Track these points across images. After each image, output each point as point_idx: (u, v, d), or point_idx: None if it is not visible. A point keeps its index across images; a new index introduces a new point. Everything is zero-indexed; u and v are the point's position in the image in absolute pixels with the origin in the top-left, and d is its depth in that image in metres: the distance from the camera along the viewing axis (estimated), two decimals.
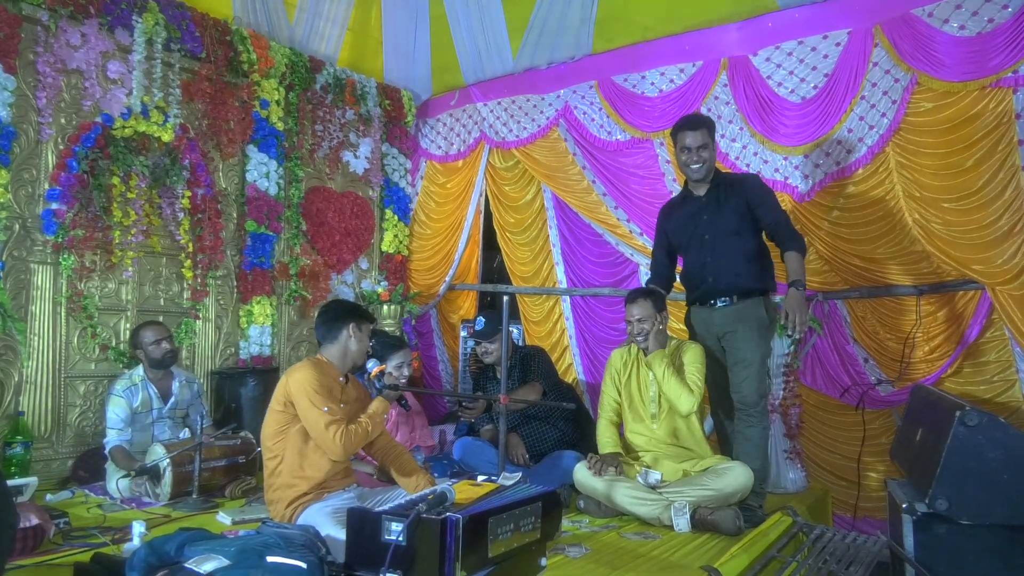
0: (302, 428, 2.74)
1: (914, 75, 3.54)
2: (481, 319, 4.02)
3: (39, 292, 3.75)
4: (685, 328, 3.66)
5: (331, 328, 2.91)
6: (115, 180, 3.97)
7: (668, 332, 3.53)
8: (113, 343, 4.05)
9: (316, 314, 3.17)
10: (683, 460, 3.34)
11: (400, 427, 3.88)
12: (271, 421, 2.79)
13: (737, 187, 3.43)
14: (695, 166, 3.38)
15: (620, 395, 3.53)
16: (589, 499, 3.29)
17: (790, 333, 3.12)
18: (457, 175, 5.51)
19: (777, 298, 3.50)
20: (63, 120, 3.81)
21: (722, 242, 3.36)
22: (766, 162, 4.01)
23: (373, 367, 3.01)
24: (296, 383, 2.73)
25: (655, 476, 3.28)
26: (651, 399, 3.42)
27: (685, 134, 3.37)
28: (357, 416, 2.82)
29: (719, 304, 3.38)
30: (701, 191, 3.47)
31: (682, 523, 3.00)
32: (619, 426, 3.56)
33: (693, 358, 3.37)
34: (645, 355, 3.44)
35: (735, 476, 3.11)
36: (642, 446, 3.45)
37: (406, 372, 3.70)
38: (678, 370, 3.35)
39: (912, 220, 3.61)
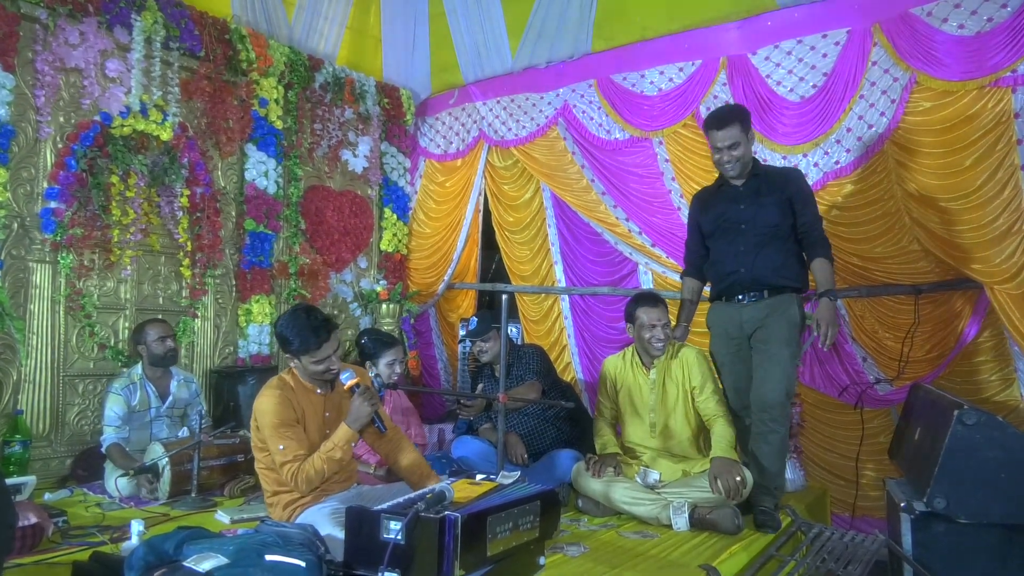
0: None
1: (913, 74, 3.54)
2: (474, 318, 4.03)
3: (38, 291, 3.75)
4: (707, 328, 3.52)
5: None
6: (114, 179, 3.96)
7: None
8: (112, 342, 4.04)
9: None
10: (681, 460, 3.35)
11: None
12: (253, 437, 2.75)
13: (780, 181, 3.27)
14: (728, 165, 3.24)
15: (616, 404, 3.53)
16: (588, 499, 3.29)
17: (820, 345, 3.02)
18: (456, 174, 5.51)
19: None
20: (62, 119, 3.81)
21: (759, 234, 3.22)
22: (765, 161, 4.00)
23: (347, 380, 2.71)
24: (259, 414, 2.66)
25: (653, 476, 3.28)
26: (649, 408, 3.41)
27: (714, 133, 3.21)
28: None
29: (748, 300, 3.25)
30: (739, 181, 3.31)
31: (681, 522, 3.00)
32: (616, 427, 3.57)
33: (703, 374, 3.31)
34: (645, 366, 3.43)
35: None
36: (640, 450, 3.46)
37: (398, 369, 3.70)
38: (681, 381, 3.35)
39: (910, 219, 3.61)
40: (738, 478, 3.04)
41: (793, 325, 3.19)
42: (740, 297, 3.28)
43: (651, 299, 3.41)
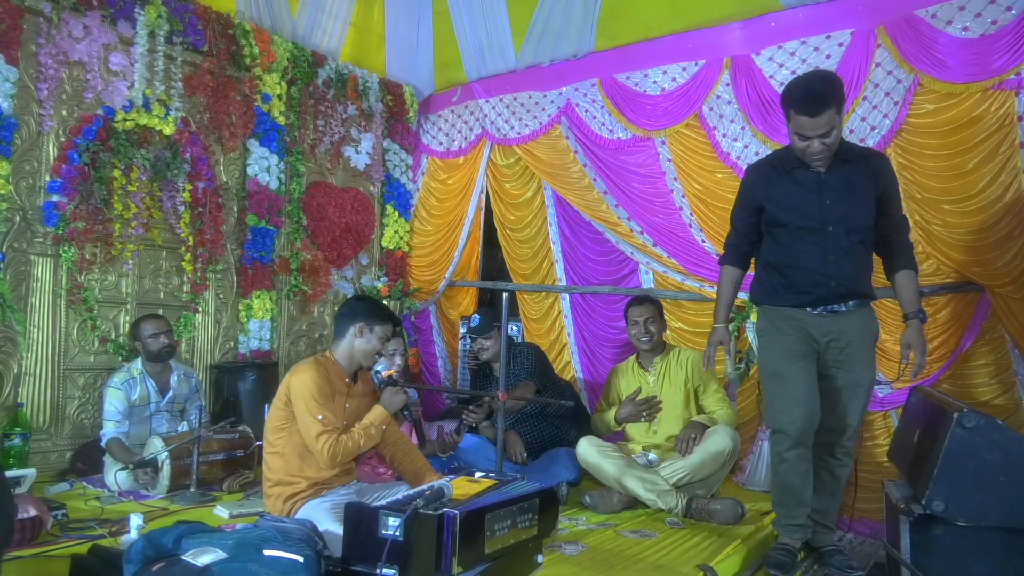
0: None
1: (916, 76, 3.53)
2: (476, 315, 4.02)
3: (39, 284, 3.75)
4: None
5: (341, 324, 2.86)
6: (116, 173, 3.97)
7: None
8: (112, 336, 4.05)
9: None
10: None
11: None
12: (274, 416, 2.76)
13: (870, 167, 2.67)
14: (817, 157, 2.61)
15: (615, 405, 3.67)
16: (592, 491, 3.35)
17: (911, 375, 2.66)
18: (458, 171, 5.51)
19: None
20: (64, 112, 3.81)
21: (851, 239, 2.66)
22: (757, 155, 4.00)
23: (383, 369, 2.84)
24: (296, 384, 2.69)
25: (653, 459, 3.41)
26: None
27: (802, 120, 2.53)
28: (364, 414, 2.79)
29: (824, 311, 2.71)
30: (820, 165, 2.68)
31: (670, 500, 3.14)
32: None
33: (710, 373, 3.41)
34: (643, 366, 3.60)
35: (719, 436, 3.27)
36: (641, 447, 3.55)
37: (399, 361, 3.70)
38: (682, 383, 3.49)
39: (912, 222, 3.61)
40: (693, 435, 3.29)
41: (875, 342, 2.80)
42: (816, 308, 2.72)
43: (637, 299, 3.66)
